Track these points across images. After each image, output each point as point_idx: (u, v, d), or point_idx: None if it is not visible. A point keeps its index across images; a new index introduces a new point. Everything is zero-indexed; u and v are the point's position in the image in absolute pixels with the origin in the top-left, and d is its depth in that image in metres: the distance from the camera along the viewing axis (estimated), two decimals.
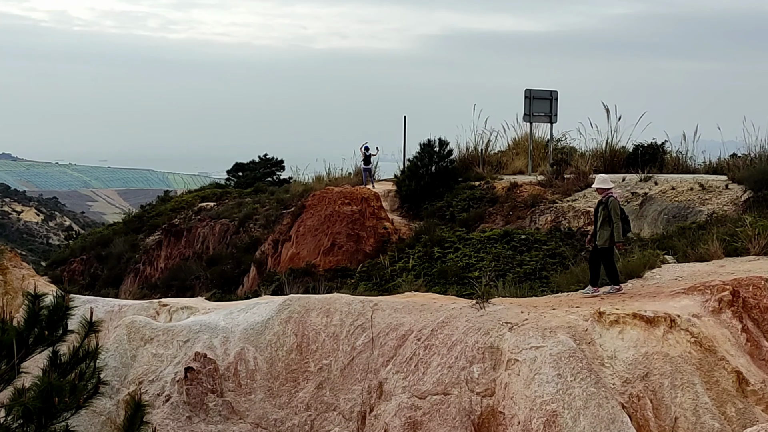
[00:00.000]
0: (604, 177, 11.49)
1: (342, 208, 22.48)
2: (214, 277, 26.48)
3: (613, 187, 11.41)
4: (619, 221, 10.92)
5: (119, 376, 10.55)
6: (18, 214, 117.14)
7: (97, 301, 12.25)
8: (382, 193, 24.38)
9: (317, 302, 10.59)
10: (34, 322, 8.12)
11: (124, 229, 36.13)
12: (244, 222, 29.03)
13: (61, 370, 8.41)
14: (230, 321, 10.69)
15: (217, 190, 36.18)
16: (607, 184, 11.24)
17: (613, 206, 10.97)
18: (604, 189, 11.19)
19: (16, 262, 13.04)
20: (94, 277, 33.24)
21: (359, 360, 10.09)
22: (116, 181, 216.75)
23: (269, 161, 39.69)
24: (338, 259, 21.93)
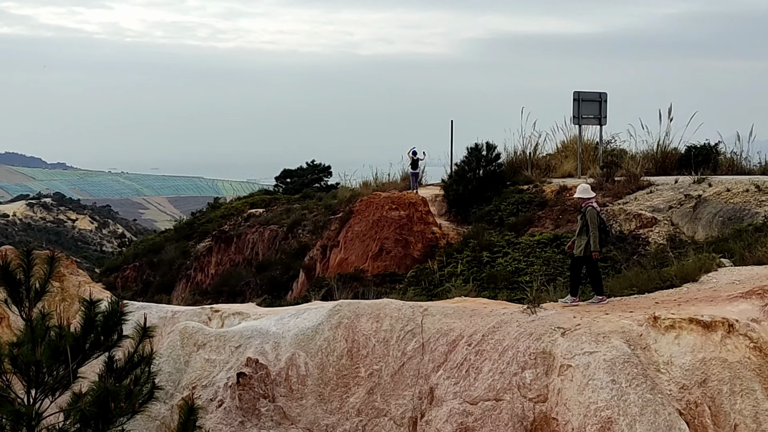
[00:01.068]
0: (584, 187, 11.64)
1: (390, 213, 22.49)
2: (263, 282, 26.73)
3: (594, 196, 11.56)
4: (596, 231, 10.96)
5: (173, 381, 10.68)
6: (73, 222, 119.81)
7: (150, 307, 12.43)
8: (429, 197, 24.35)
9: (367, 307, 10.59)
10: (90, 328, 8.26)
11: (175, 236, 36.69)
12: (293, 228, 29.24)
13: (117, 375, 8.55)
14: (281, 326, 10.75)
15: (265, 197, 36.54)
16: (587, 194, 11.37)
17: (590, 215, 11.05)
18: (584, 198, 11.34)
19: (73, 269, 13.30)
20: (147, 284, 33.81)
21: (410, 365, 10.06)
22: (167, 189, 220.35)
23: (317, 167, 39.95)
24: (386, 265, 21.95)
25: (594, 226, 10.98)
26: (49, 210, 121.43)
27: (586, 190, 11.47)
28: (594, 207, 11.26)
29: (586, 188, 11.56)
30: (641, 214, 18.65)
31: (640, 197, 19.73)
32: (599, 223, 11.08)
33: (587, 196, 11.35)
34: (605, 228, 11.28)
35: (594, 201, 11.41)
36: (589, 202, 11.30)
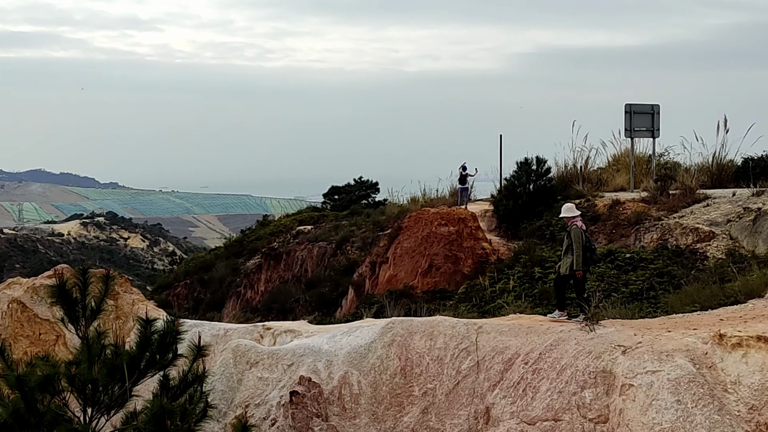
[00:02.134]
0: (568, 206, 11.81)
1: (439, 229, 22.31)
2: (313, 299, 26.72)
3: (578, 215, 11.63)
4: (580, 250, 11.04)
5: (226, 400, 10.64)
6: (125, 241, 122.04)
7: (203, 325, 12.45)
8: (478, 213, 24.12)
9: (420, 325, 10.44)
10: (146, 347, 8.27)
11: (225, 253, 36.99)
12: (342, 244, 29.24)
13: (172, 393, 8.53)
14: (333, 344, 10.66)
15: (314, 214, 36.65)
16: (571, 212, 11.51)
17: (575, 234, 11.14)
18: (569, 217, 11.47)
19: (127, 287, 13.41)
20: (198, 301, 34.09)
21: (465, 384, 9.87)
22: (216, 207, 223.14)
23: (364, 184, 39.98)
24: (436, 281, 21.75)
25: (578, 245, 11.05)
26: (102, 229, 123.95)
27: (569, 209, 11.63)
28: (578, 226, 11.33)
29: (570, 207, 11.73)
30: (698, 228, 18.19)
31: (696, 211, 19.26)
32: (585, 241, 11.14)
33: (571, 214, 11.48)
34: (591, 246, 11.33)
35: (579, 219, 11.48)
36: (574, 220, 11.40)
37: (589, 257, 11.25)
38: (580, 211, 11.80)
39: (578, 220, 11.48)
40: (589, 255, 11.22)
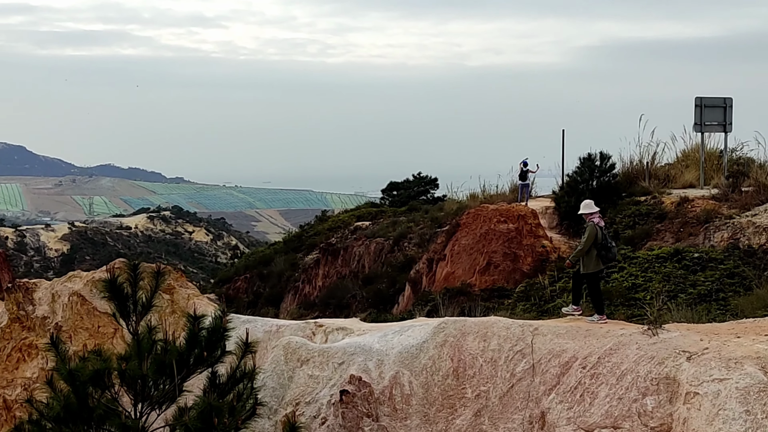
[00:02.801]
0: (587, 202, 11.65)
1: (498, 226, 21.94)
2: (369, 295, 26.62)
3: (597, 211, 11.45)
4: (585, 245, 10.97)
5: (277, 397, 10.54)
6: (190, 234, 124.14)
7: (255, 321, 12.39)
8: (539, 210, 23.65)
9: (473, 325, 10.16)
10: (194, 343, 8.20)
11: (284, 248, 37.18)
12: (399, 241, 29.04)
13: (220, 390, 8.45)
14: (384, 343, 10.46)
15: (372, 209, 36.55)
16: (589, 209, 11.37)
17: (589, 231, 11.06)
18: (587, 213, 11.37)
19: (182, 282, 13.44)
20: (257, 295, 34.34)
21: (519, 387, 9.56)
22: (278, 202, 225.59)
23: (423, 179, 39.69)
24: (494, 279, 21.40)
25: (588, 240, 10.99)
26: (168, 222, 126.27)
27: (588, 206, 11.48)
28: (595, 223, 11.18)
29: (589, 204, 11.57)
30: None
31: None
32: (602, 239, 11.01)
33: (589, 211, 11.35)
34: (607, 245, 11.10)
35: (596, 216, 11.33)
36: (592, 217, 11.29)
37: (604, 255, 11.08)
38: (598, 208, 11.68)
39: (596, 216, 11.33)
40: (604, 253, 11.06)
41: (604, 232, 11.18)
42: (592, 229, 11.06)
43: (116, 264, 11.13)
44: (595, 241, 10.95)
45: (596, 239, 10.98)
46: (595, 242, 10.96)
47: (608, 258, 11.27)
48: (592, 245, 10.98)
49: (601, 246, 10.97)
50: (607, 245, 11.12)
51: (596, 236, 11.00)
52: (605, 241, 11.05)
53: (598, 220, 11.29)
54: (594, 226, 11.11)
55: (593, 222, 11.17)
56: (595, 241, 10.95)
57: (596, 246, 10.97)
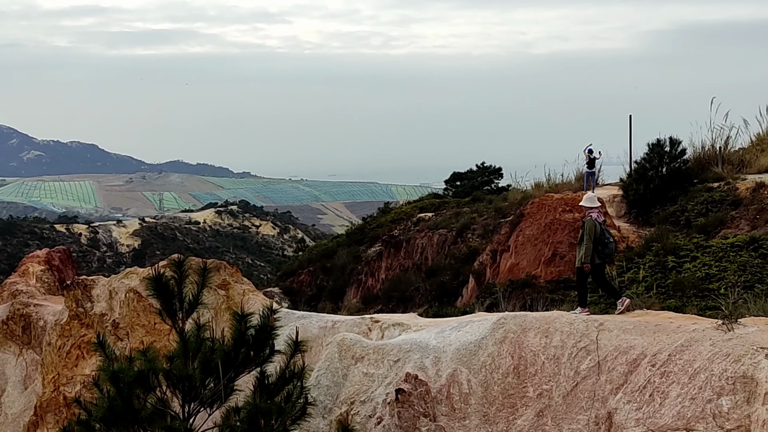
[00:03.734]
0: (590, 195, 11.55)
1: (563, 215, 21.23)
2: (432, 288, 26.17)
3: (598, 206, 11.36)
4: (590, 243, 10.83)
5: (331, 395, 10.25)
6: (257, 228, 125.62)
7: (310, 317, 12.12)
8: (607, 198, 22.82)
9: (535, 321, 9.67)
10: (241, 343, 7.96)
11: (347, 241, 36.98)
12: (462, 232, 28.51)
13: (269, 391, 8.19)
14: (442, 340, 10.05)
15: (435, 201, 36.05)
16: (590, 203, 11.29)
17: (588, 226, 10.96)
18: (586, 207, 11.31)
19: (237, 277, 13.27)
20: (320, 288, 34.24)
21: (584, 386, 9.04)
22: (343, 195, 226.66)
23: (487, 169, 39.01)
24: (560, 270, 20.70)
25: (589, 237, 10.85)
26: (235, 217, 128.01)
27: (590, 200, 11.40)
28: (593, 218, 11.08)
29: (591, 197, 11.46)
30: None
31: None
32: (599, 234, 10.90)
33: (589, 205, 11.27)
34: (604, 240, 10.98)
35: (595, 211, 11.22)
36: (591, 211, 11.19)
37: (601, 251, 10.96)
38: (599, 203, 11.57)
39: (594, 211, 11.20)
40: (600, 248, 10.94)
41: (602, 227, 11.11)
42: (590, 223, 10.98)
43: (174, 258, 10.98)
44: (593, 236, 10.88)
45: (594, 233, 10.90)
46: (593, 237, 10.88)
47: (605, 253, 11.12)
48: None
49: (597, 241, 10.87)
50: (604, 240, 11.00)
51: (594, 231, 10.91)
52: (602, 236, 10.94)
53: (596, 215, 11.17)
54: (593, 221, 11.03)
55: (591, 216, 11.10)
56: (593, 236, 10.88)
57: (593, 241, 10.87)
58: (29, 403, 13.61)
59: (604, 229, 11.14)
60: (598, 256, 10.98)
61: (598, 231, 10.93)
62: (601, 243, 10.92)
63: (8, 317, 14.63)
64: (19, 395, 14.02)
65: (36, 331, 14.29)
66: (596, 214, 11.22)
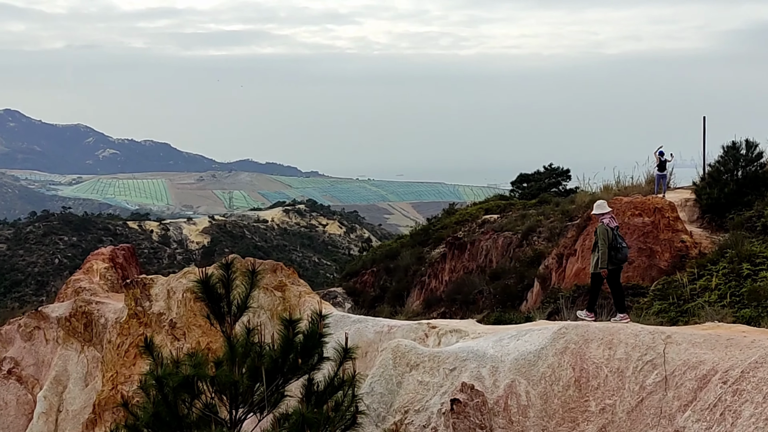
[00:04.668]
0: (600, 202, 11.66)
1: (632, 219, 20.53)
2: (496, 291, 25.71)
3: (609, 211, 11.47)
4: (605, 248, 11.00)
5: (385, 403, 9.98)
6: (323, 227, 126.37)
7: (366, 321, 11.88)
8: (678, 202, 22.01)
9: (597, 331, 9.21)
10: (289, 349, 7.73)
11: (411, 242, 36.73)
12: (528, 235, 27.95)
13: (317, 399, 7.95)
14: (499, 349, 9.67)
15: (500, 202, 35.51)
16: (600, 209, 11.41)
17: (600, 232, 11.16)
18: (597, 214, 11.46)
19: (294, 279, 13.13)
20: (383, 289, 34.06)
21: (649, 402, 8.55)
22: (410, 195, 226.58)
23: (555, 171, 38.22)
24: (628, 276, 20.01)
25: (603, 243, 11.06)
26: (303, 216, 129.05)
27: (600, 206, 11.50)
28: (605, 223, 11.22)
29: (602, 204, 11.57)
30: None
31: None
32: (611, 239, 11.04)
33: (600, 211, 11.40)
34: (617, 245, 11.12)
35: (607, 217, 11.33)
36: (602, 218, 11.33)
37: (614, 256, 11.08)
38: (610, 209, 11.69)
39: (606, 217, 11.29)
40: (613, 254, 11.06)
41: (615, 233, 11.22)
42: (603, 229, 11.13)
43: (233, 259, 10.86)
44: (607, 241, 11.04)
45: (608, 239, 11.05)
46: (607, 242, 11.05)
47: (618, 259, 11.21)
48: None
49: (610, 246, 11.03)
50: (617, 246, 11.13)
51: (607, 236, 11.05)
52: (615, 242, 11.10)
53: (608, 221, 11.26)
54: (605, 226, 11.16)
55: (603, 222, 11.20)
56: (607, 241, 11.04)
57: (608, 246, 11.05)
58: (89, 401, 13.75)
59: (617, 234, 11.21)
60: (612, 261, 11.14)
61: (610, 236, 11.09)
62: (613, 248, 11.07)
63: (71, 314, 14.83)
64: (79, 392, 14.19)
65: (97, 328, 14.44)
66: (608, 219, 11.31)
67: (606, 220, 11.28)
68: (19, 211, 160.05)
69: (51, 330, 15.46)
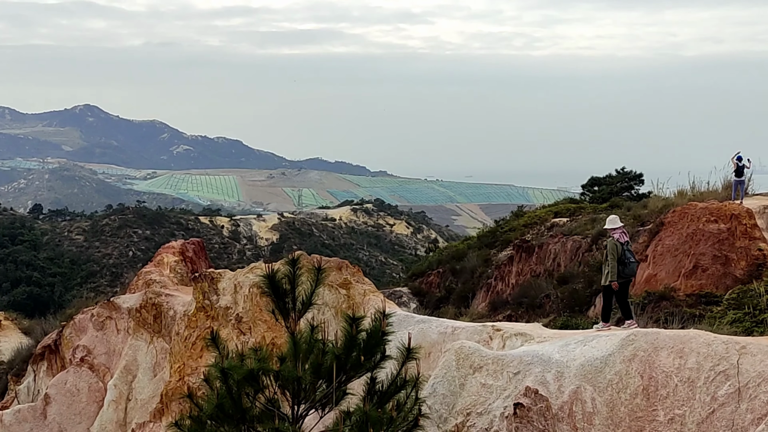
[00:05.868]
0: (612, 218, 12.18)
1: (707, 226, 19.96)
2: (564, 296, 25.28)
3: (620, 227, 11.89)
4: (615, 262, 11.45)
5: (447, 405, 9.92)
6: (390, 227, 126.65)
7: (430, 321, 11.83)
8: (756, 209, 21.29)
9: (668, 339, 8.96)
10: (352, 347, 7.73)
11: (477, 243, 36.42)
12: (597, 239, 27.37)
13: (380, 398, 7.93)
14: (565, 354, 9.50)
15: (570, 206, 34.92)
16: (612, 224, 11.89)
17: (610, 247, 11.67)
18: (609, 229, 11.99)
19: (359, 277, 13.17)
20: (449, 290, 33.88)
21: (721, 414, 8.28)
22: (478, 196, 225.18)
23: (627, 175, 37.38)
24: (702, 284, 19.47)
25: (613, 256, 11.52)
26: (370, 215, 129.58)
27: (612, 221, 12.04)
28: (615, 238, 11.67)
29: (614, 219, 12.10)
30: None
31: None
32: (620, 254, 11.48)
33: (612, 226, 11.90)
34: (625, 260, 11.54)
35: (617, 231, 11.76)
36: (613, 232, 11.81)
37: (622, 270, 11.51)
38: (622, 224, 12.20)
39: (617, 232, 11.75)
40: (621, 268, 11.49)
41: (625, 248, 11.64)
42: (612, 244, 11.62)
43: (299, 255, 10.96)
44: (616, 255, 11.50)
45: (617, 253, 11.51)
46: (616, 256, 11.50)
47: (626, 273, 11.62)
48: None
49: (618, 260, 11.48)
50: (626, 261, 11.57)
51: (616, 250, 11.51)
52: (624, 257, 11.54)
53: (618, 236, 11.68)
54: (614, 241, 11.61)
55: (613, 237, 11.68)
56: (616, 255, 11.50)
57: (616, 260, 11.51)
58: (157, 390, 14.05)
59: (627, 249, 11.64)
60: (620, 275, 11.54)
61: (619, 251, 11.54)
62: (622, 263, 11.51)
63: (141, 305, 15.19)
64: (148, 382, 14.52)
65: (166, 320, 14.75)
66: (618, 234, 11.73)
67: (616, 235, 11.70)
68: (96, 204, 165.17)
69: (122, 320, 15.87)
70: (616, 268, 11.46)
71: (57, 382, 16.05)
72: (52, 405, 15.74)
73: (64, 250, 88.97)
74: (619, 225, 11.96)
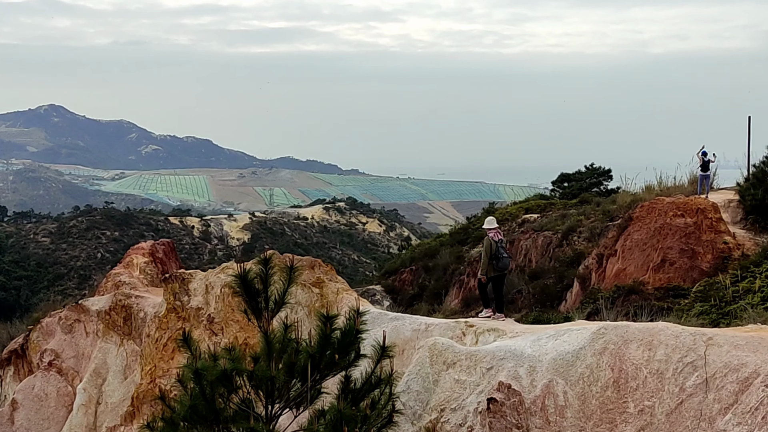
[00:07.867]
0: (489, 219, 14.08)
1: (674, 220, 20.22)
2: (536, 291, 25.51)
3: (495, 227, 13.71)
4: (486, 258, 13.20)
5: (421, 401, 9.97)
6: (363, 225, 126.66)
7: (404, 319, 11.87)
8: (721, 203, 21.63)
9: (637, 332, 9.08)
10: (326, 346, 7.75)
11: (450, 240, 36.61)
12: (568, 234, 27.68)
13: (354, 396, 7.97)
14: (537, 348, 9.59)
15: (541, 202, 35.23)
16: (489, 225, 13.73)
17: (485, 244, 13.42)
18: (486, 229, 13.69)
19: (332, 275, 13.17)
20: (422, 287, 33.99)
21: (689, 404, 8.41)
22: (450, 194, 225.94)
23: (596, 171, 37.82)
24: (669, 277, 19.73)
25: (485, 253, 13.26)
26: (343, 213, 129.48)
27: (489, 222, 13.89)
28: (490, 237, 13.38)
29: (491, 220, 14.00)
30: None
31: None
32: (495, 251, 13.19)
33: (488, 227, 13.68)
34: (498, 255, 13.19)
35: (493, 231, 13.52)
36: (489, 232, 13.51)
37: (495, 264, 13.16)
38: (498, 225, 13.99)
39: (492, 232, 13.46)
40: (495, 263, 13.14)
41: (499, 245, 13.30)
42: (487, 242, 13.34)
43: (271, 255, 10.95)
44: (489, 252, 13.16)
45: (491, 250, 13.17)
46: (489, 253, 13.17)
47: (499, 267, 13.24)
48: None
49: (493, 257, 13.14)
50: (498, 256, 13.19)
51: (491, 248, 13.18)
52: (497, 253, 13.19)
53: (493, 235, 13.40)
54: (489, 239, 13.33)
55: (489, 236, 13.38)
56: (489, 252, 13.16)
57: (489, 257, 13.15)
58: (128, 393, 13.95)
59: (501, 246, 13.28)
60: (494, 269, 13.18)
61: (493, 248, 13.21)
62: (496, 258, 13.12)
63: (111, 308, 15.06)
64: (119, 385, 14.41)
65: (136, 322, 14.64)
66: (493, 233, 13.41)
67: (491, 234, 13.37)
68: (63, 205, 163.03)
69: (91, 323, 15.72)
70: (486, 264, 13.12)
71: (24, 387, 15.87)
72: (20, 410, 15.56)
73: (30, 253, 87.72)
74: (495, 226, 13.68)
